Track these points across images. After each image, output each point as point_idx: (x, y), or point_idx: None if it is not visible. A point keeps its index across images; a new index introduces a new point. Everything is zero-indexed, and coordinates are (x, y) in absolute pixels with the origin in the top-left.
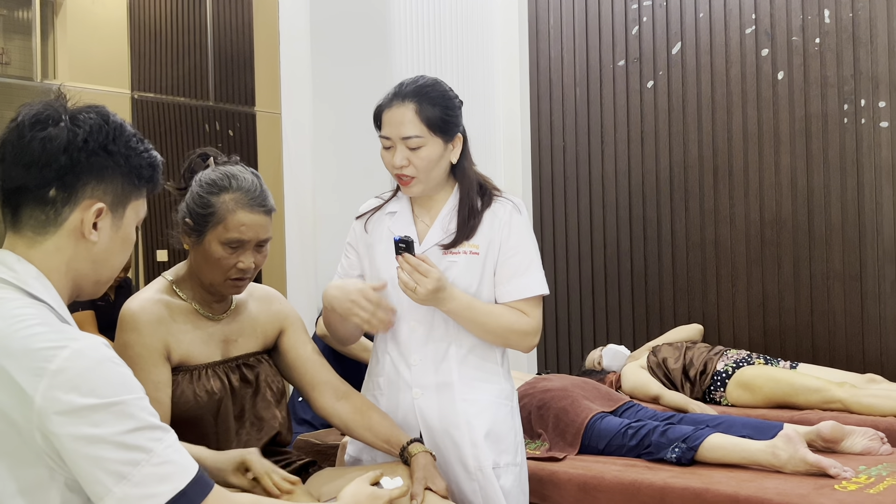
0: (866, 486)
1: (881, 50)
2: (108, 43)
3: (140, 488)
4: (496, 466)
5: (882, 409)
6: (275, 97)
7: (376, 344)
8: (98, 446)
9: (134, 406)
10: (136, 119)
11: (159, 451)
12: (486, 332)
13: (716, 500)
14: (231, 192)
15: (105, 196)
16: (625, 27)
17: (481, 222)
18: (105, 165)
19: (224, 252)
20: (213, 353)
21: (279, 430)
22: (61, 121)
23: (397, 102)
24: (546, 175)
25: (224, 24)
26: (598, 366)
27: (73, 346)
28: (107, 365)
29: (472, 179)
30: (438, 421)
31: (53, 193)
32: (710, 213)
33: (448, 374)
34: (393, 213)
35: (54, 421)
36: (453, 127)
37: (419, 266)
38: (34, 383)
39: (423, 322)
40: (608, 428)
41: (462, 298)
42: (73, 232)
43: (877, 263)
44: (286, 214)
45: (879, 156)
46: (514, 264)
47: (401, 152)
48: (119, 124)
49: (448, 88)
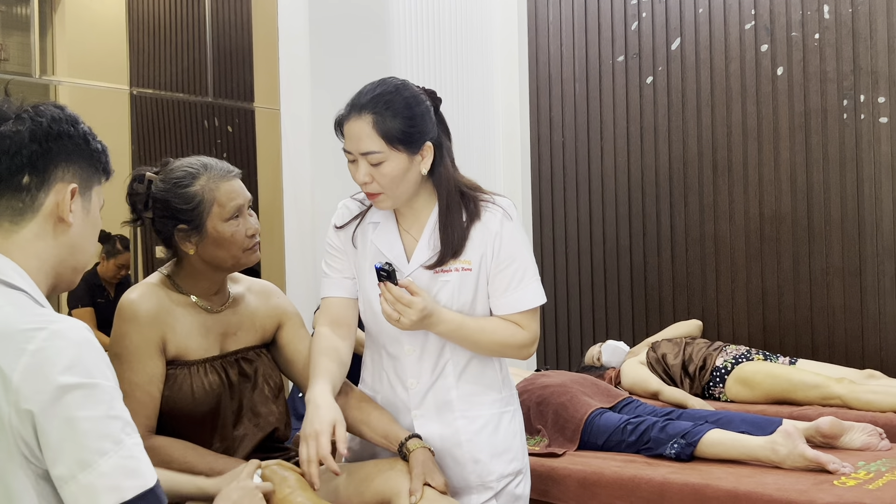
0: (865, 481)
1: (881, 45)
2: (106, 39)
3: (105, 479)
4: (506, 475)
5: (881, 405)
6: (274, 93)
7: (370, 353)
8: (70, 426)
9: (109, 393)
10: (135, 115)
11: (129, 445)
12: (481, 349)
13: (715, 496)
14: (202, 175)
15: (75, 178)
16: (624, 23)
17: (471, 236)
18: (71, 149)
19: (231, 227)
20: (211, 347)
21: (277, 425)
22: (24, 113)
23: (354, 115)
24: (545, 171)
25: (223, 20)
26: (598, 362)
27: (51, 327)
28: (86, 347)
29: (451, 190)
30: (439, 440)
31: (27, 180)
32: (710, 209)
33: (447, 393)
34: (376, 224)
35: (31, 400)
36: (418, 137)
37: (402, 297)
38: (13, 364)
39: (417, 345)
40: (607, 424)
41: (452, 320)
42: (51, 217)
43: (876, 259)
44: (285, 210)
45: (879, 151)
46: (508, 276)
47: (363, 167)
48: (72, 113)
49: (412, 94)
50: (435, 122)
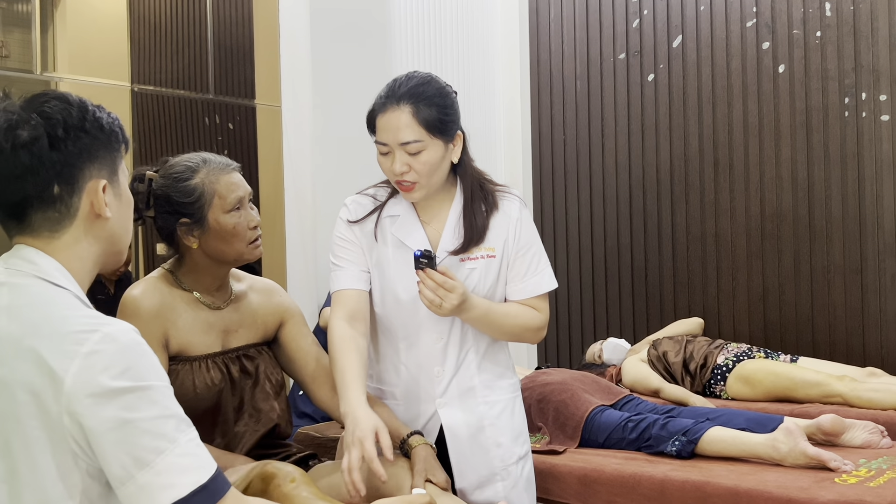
0: (866, 479)
1: (882, 43)
2: (107, 36)
3: (162, 477)
4: (521, 458)
5: (882, 403)
6: (275, 90)
7: (384, 350)
8: (125, 429)
9: (162, 393)
10: (136, 112)
11: (183, 443)
12: (503, 333)
13: (716, 493)
14: (202, 168)
15: (101, 171)
16: (625, 20)
17: (491, 224)
18: (90, 145)
19: (234, 219)
20: (213, 343)
21: (277, 422)
22: (31, 120)
23: (392, 105)
24: (546, 168)
25: (224, 17)
26: (599, 359)
27: (104, 329)
28: (137, 349)
29: (475, 179)
30: (465, 427)
31: (57, 190)
32: (711, 207)
33: (469, 380)
34: (395, 217)
35: (84, 403)
36: (453, 125)
37: (445, 283)
38: (65, 365)
39: (443, 333)
40: (608, 421)
41: (481, 305)
42: (88, 217)
43: (877, 257)
44: (286, 207)
45: (880, 149)
46: (527, 261)
47: (400, 158)
48: (79, 100)
49: (444, 84)
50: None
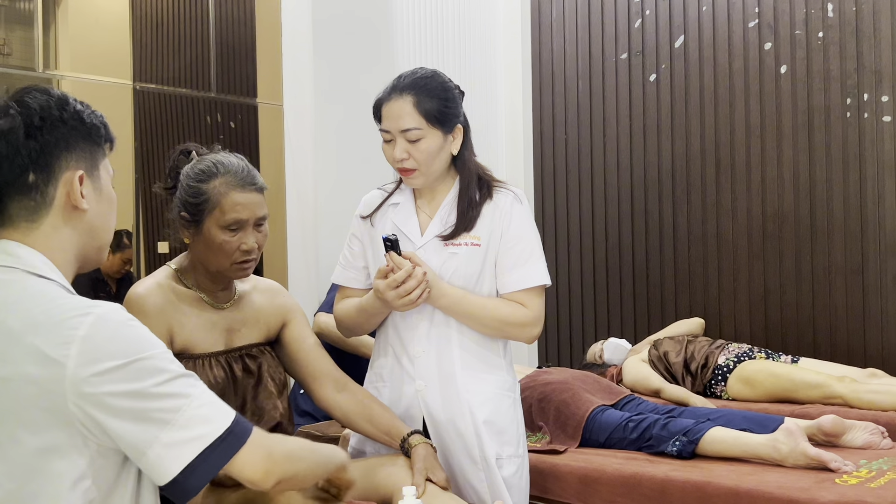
0: (867, 479)
1: (885, 44)
2: (109, 34)
3: (185, 431)
4: (499, 457)
5: (883, 404)
6: (277, 89)
7: (379, 335)
8: (138, 400)
9: (163, 359)
10: (138, 110)
11: (197, 395)
12: (482, 325)
13: (716, 494)
14: (220, 176)
15: (79, 163)
16: (627, 20)
17: (482, 214)
18: (68, 135)
19: (225, 236)
20: (217, 342)
21: (280, 420)
22: (10, 109)
23: (395, 95)
24: (548, 168)
25: (226, 16)
26: (599, 359)
27: (95, 311)
28: (130, 324)
29: (472, 171)
30: (443, 412)
31: (33, 178)
32: (712, 207)
33: (451, 366)
34: (396, 205)
35: (91, 383)
36: (452, 118)
37: (401, 264)
38: (64, 351)
39: (425, 315)
40: (609, 421)
41: (453, 294)
42: (65, 207)
43: (878, 258)
44: (287, 206)
45: (882, 150)
46: (515, 254)
47: (400, 145)
48: (60, 93)
49: (447, 80)
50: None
